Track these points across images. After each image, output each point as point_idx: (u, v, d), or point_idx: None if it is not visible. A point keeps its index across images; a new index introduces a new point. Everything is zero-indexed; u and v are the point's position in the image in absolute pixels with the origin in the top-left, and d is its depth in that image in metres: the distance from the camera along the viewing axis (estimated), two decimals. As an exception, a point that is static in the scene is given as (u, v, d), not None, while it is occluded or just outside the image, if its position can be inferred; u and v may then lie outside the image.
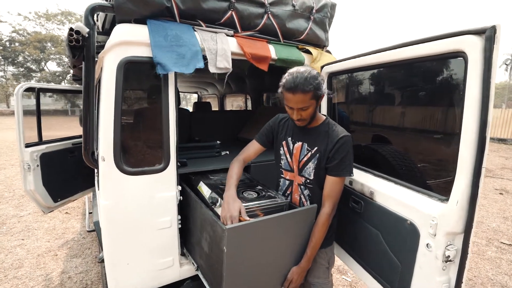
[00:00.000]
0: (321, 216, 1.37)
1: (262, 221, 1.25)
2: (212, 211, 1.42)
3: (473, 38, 0.93)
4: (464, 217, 1.02)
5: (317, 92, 1.28)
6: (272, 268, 1.39)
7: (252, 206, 1.40)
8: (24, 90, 2.65)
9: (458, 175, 1.04)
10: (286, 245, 1.39)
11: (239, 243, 1.21)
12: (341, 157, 1.33)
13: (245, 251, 1.25)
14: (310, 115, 1.35)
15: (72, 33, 1.35)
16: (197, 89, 5.36)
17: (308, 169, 1.43)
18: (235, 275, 1.26)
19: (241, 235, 1.21)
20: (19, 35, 26.43)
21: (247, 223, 1.22)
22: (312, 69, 1.32)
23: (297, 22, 2.02)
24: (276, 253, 1.37)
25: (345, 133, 1.36)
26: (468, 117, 0.99)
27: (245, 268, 1.29)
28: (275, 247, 1.35)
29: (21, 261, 2.95)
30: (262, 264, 1.35)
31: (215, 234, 1.29)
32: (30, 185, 2.69)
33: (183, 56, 1.47)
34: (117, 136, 1.42)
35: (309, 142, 1.43)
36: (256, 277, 1.35)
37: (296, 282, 1.41)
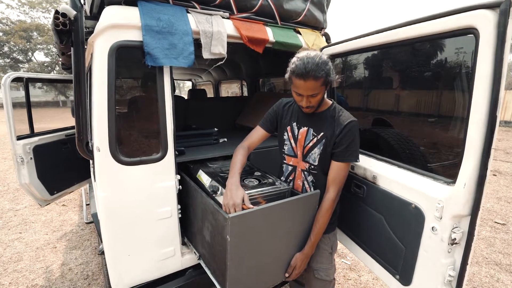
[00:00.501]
0: (325, 201, 1.36)
1: (265, 208, 1.23)
2: (213, 199, 1.39)
3: (486, 12, 0.89)
4: (471, 199, 1.01)
5: (328, 78, 1.24)
6: (276, 256, 1.38)
7: (254, 194, 1.37)
8: (11, 80, 2.54)
9: (466, 156, 1.02)
10: (290, 232, 1.38)
11: (242, 232, 1.19)
12: (348, 142, 1.31)
13: (248, 239, 1.24)
14: (319, 101, 1.32)
15: (58, 16, 1.27)
16: (191, 76, 5.23)
17: (313, 154, 1.40)
18: (239, 264, 1.25)
19: (244, 224, 1.19)
20: (3, 25, 25.37)
21: (250, 211, 1.19)
22: (322, 53, 1.27)
23: (295, 3, 1.94)
24: (280, 240, 1.36)
25: (352, 118, 1.34)
26: (478, 96, 0.95)
27: (249, 256, 1.28)
28: (279, 235, 1.34)
29: (20, 255, 2.93)
30: (265, 251, 1.33)
31: (217, 223, 1.27)
32: (25, 178, 2.63)
33: (174, 46, 1.40)
34: (112, 125, 1.36)
35: (315, 127, 1.40)
36: (260, 264, 1.34)
37: (300, 268, 1.41)
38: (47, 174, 2.80)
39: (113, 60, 1.33)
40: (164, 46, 1.39)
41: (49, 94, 23.08)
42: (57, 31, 1.29)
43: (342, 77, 1.92)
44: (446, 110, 1.31)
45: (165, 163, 1.52)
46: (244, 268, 1.28)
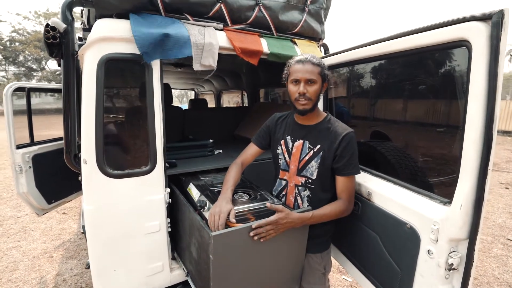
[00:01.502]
0: (337, 205, 1.31)
1: (248, 226, 1.16)
2: (200, 215, 1.35)
3: (478, 24, 0.84)
4: (468, 222, 0.94)
5: (324, 71, 1.30)
6: (263, 277, 1.31)
7: (243, 210, 1.31)
8: (14, 90, 2.58)
9: (461, 176, 0.96)
10: (279, 251, 1.31)
11: (226, 250, 1.14)
12: (349, 155, 1.29)
13: (233, 259, 1.18)
14: (315, 94, 1.29)
15: (48, 29, 1.28)
16: (194, 86, 5.27)
17: (311, 168, 1.35)
18: (223, 282, 1.18)
19: (228, 242, 1.14)
20: (19, 35, 26.41)
21: (235, 229, 1.14)
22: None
23: (291, 14, 1.92)
24: (268, 260, 1.29)
25: (349, 130, 1.32)
26: (472, 112, 0.90)
27: (234, 276, 1.21)
28: (267, 254, 1.27)
29: (16, 264, 2.92)
30: (252, 272, 1.27)
31: (202, 240, 1.22)
32: (23, 187, 2.63)
33: (168, 36, 1.36)
34: (99, 138, 1.35)
35: (310, 139, 1.36)
36: (246, 283, 1.27)
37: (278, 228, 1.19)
38: (46, 183, 2.81)
39: (102, 72, 1.32)
40: (156, 38, 1.35)
41: (60, 101, 23.62)
42: (48, 43, 1.30)
43: (337, 88, 1.88)
44: (442, 124, 1.25)
45: (154, 176, 1.49)
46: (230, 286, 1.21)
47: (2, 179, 5.87)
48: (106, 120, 1.38)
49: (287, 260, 1.36)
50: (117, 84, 1.55)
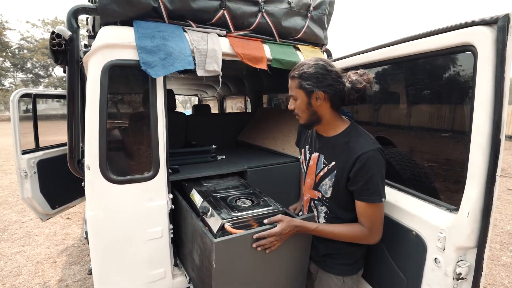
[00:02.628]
0: (356, 225, 1.15)
1: (251, 233, 1.13)
2: (203, 221, 1.34)
3: (483, 29, 0.83)
4: (477, 230, 0.91)
5: (303, 83, 1.12)
6: (266, 283, 1.29)
7: (245, 216, 1.30)
8: (20, 96, 2.62)
9: (468, 182, 0.94)
10: (283, 258, 1.28)
11: (229, 257, 1.12)
12: (366, 179, 1.07)
13: (236, 266, 1.16)
14: (300, 109, 1.18)
15: (54, 37, 1.30)
16: (197, 92, 5.30)
17: (325, 186, 1.22)
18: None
19: (231, 249, 1.11)
20: (27, 42, 27.00)
21: (237, 236, 1.12)
22: (321, 60, 1.14)
23: (294, 20, 1.93)
24: (271, 268, 1.27)
25: (369, 148, 1.08)
26: (478, 117, 0.88)
27: (236, 282, 1.19)
28: (269, 261, 1.25)
29: (20, 269, 2.92)
30: (255, 280, 1.24)
31: (204, 247, 1.20)
32: (27, 192, 2.65)
33: (170, 54, 1.38)
34: (102, 143, 1.35)
35: (325, 154, 1.22)
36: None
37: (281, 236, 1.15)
38: (50, 188, 2.83)
39: (106, 78, 1.33)
40: (160, 57, 1.37)
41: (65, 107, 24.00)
42: (53, 51, 1.32)
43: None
44: (448, 129, 1.23)
45: (157, 181, 1.49)
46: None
47: (8, 184, 5.93)
48: (109, 126, 1.39)
49: (290, 268, 1.33)
50: (120, 90, 1.57)
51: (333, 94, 1.13)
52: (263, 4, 1.77)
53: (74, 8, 1.35)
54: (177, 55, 1.40)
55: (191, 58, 1.43)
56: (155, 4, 1.44)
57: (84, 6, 1.38)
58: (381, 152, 1.10)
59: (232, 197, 1.54)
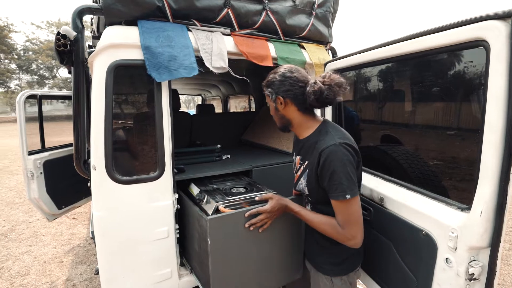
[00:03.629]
0: (333, 221, 1.11)
1: (243, 211, 1.23)
2: (199, 207, 1.41)
3: (496, 23, 0.81)
4: (490, 229, 0.89)
5: (266, 89, 1.22)
6: (262, 264, 1.36)
7: (237, 199, 1.40)
8: (26, 97, 2.64)
9: (481, 181, 0.91)
10: (273, 236, 1.34)
11: (222, 234, 1.21)
12: (329, 175, 1.06)
13: (230, 243, 1.24)
14: (273, 115, 1.27)
15: (59, 37, 1.30)
16: (201, 91, 5.30)
17: (301, 185, 1.25)
18: (222, 268, 1.24)
19: (224, 226, 1.21)
20: (32, 44, 27.28)
21: (229, 214, 1.24)
22: (284, 68, 1.20)
23: (298, 18, 1.91)
24: (265, 246, 1.34)
25: (331, 143, 1.07)
26: (491, 114, 0.86)
27: (232, 262, 1.27)
28: (263, 239, 1.31)
29: (27, 268, 2.95)
30: (250, 258, 1.32)
31: (201, 229, 1.27)
32: (34, 193, 2.67)
33: (174, 58, 1.39)
34: (108, 144, 1.35)
35: (302, 155, 1.25)
36: (246, 271, 1.32)
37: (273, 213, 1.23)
38: (56, 189, 2.85)
39: (111, 78, 1.33)
40: (165, 59, 1.38)
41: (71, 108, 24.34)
42: (58, 51, 1.32)
43: (349, 92, 1.85)
44: (459, 127, 1.21)
45: (163, 181, 1.48)
46: (227, 273, 1.27)
47: (15, 185, 6.00)
48: (115, 126, 1.38)
49: (284, 247, 1.38)
50: (125, 90, 1.57)
51: (294, 98, 1.16)
52: (268, 2, 1.76)
53: (79, 9, 1.35)
54: (182, 60, 1.41)
55: (195, 64, 1.44)
56: (160, 4, 1.43)
57: (88, 6, 1.38)
58: (344, 146, 1.07)
59: (228, 186, 1.63)
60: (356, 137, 1.85)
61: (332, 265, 1.24)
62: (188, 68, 1.42)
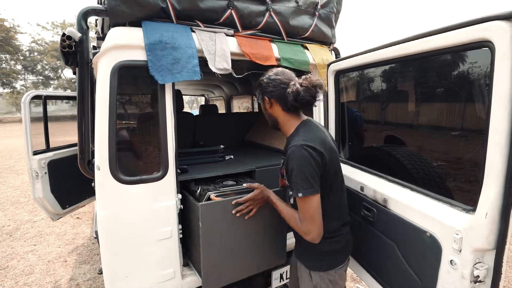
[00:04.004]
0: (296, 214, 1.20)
1: (231, 199, 1.41)
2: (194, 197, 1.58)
3: (501, 24, 0.80)
4: (495, 231, 0.88)
5: (254, 91, 1.35)
6: (249, 249, 1.52)
7: (225, 190, 1.56)
8: (31, 98, 2.67)
9: (486, 182, 0.90)
10: (258, 224, 1.50)
11: (212, 219, 1.37)
12: (289, 173, 1.17)
13: (219, 227, 1.39)
14: (264, 114, 1.38)
15: (64, 38, 1.31)
16: (204, 92, 5.32)
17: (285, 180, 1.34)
18: (212, 249, 1.39)
19: (213, 212, 1.38)
20: (38, 45, 27.57)
21: (219, 201, 1.42)
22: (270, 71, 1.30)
23: (301, 19, 1.91)
24: (250, 231, 1.49)
25: (296, 143, 1.16)
26: (496, 115, 0.85)
27: (221, 243, 1.42)
28: (248, 226, 1.47)
29: (32, 267, 2.98)
30: (237, 240, 1.47)
31: (194, 216, 1.42)
32: (39, 192, 2.70)
33: (178, 61, 1.41)
34: (112, 144, 1.36)
35: (284, 151, 1.36)
36: (233, 252, 1.47)
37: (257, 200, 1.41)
38: (60, 188, 2.87)
39: (115, 79, 1.34)
40: (168, 62, 1.39)
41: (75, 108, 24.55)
42: (63, 52, 1.33)
43: (349, 93, 1.85)
44: (464, 127, 1.20)
45: (166, 182, 1.49)
46: (217, 255, 1.42)
47: (19, 184, 6.06)
48: (119, 126, 1.39)
49: (269, 235, 1.55)
50: (129, 91, 1.58)
51: (278, 98, 1.26)
52: (271, 3, 1.76)
53: (83, 10, 1.36)
54: (185, 63, 1.42)
55: (198, 68, 1.45)
56: (163, 5, 1.44)
57: (93, 7, 1.39)
58: (305, 148, 1.13)
59: (220, 180, 1.81)
60: (359, 138, 1.86)
61: (311, 260, 1.32)
62: (190, 71, 1.44)
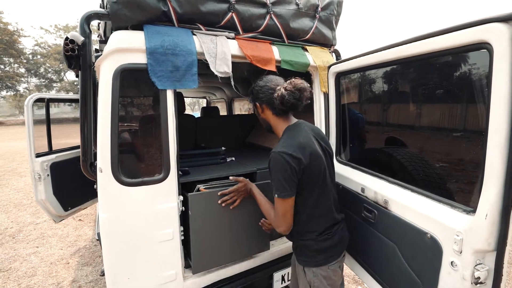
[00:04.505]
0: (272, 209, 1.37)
1: (217, 190, 1.60)
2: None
3: (499, 26, 0.81)
4: (495, 232, 0.89)
5: (249, 97, 1.45)
6: (233, 234, 1.70)
7: (214, 184, 1.70)
8: (34, 101, 2.69)
9: (486, 183, 0.91)
10: (243, 214, 1.69)
11: (200, 208, 1.56)
12: (270, 174, 1.29)
13: (207, 215, 1.59)
14: (259, 118, 1.49)
15: (67, 42, 1.33)
16: (205, 94, 5.34)
17: None
18: (200, 234, 1.58)
19: (201, 201, 1.57)
20: (41, 48, 27.79)
21: (206, 192, 1.61)
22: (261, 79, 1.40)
23: (302, 21, 1.92)
24: (235, 220, 1.68)
25: (274, 150, 1.26)
26: (495, 117, 0.86)
27: (209, 230, 1.61)
28: (233, 215, 1.66)
29: (34, 269, 2.99)
30: (223, 228, 1.65)
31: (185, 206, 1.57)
32: (41, 195, 2.71)
33: (177, 69, 1.43)
34: (114, 146, 1.37)
35: None
36: (219, 239, 1.65)
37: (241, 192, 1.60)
38: (63, 190, 2.88)
39: (118, 82, 1.35)
40: (168, 69, 1.41)
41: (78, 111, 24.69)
42: (67, 56, 1.35)
43: (350, 94, 1.86)
44: (463, 128, 1.20)
45: (168, 184, 1.50)
46: (205, 240, 1.61)
47: (22, 186, 6.10)
48: (121, 129, 1.41)
49: (253, 224, 1.71)
50: (131, 93, 1.59)
51: (268, 103, 1.35)
52: (271, 6, 1.77)
53: (86, 14, 1.38)
54: (184, 72, 1.45)
55: (196, 77, 1.48)
56: (165, 8, 1.46)
57: (96, 12, 1.40)
58: (281, 155, 1.21)
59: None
60: (361, 139, 1.87)
61: (305, 257, 1.38)
62: (189, 80, 1.47)
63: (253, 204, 1.58)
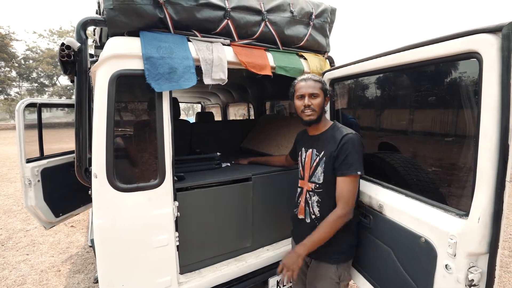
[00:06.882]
0: (331, 215, 1.32)
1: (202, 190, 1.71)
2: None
3: (488, 37, 0.84)
4: (488, 236, 0.91)
5: (324, 86, 1.45)
6: (217, 230, 1.80)
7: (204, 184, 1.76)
8: (25, 106, 2.65)
9: (477, 188, 0.93)
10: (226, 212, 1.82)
11: (187, 205, 1.64)
12: (345, 155, 1.32)
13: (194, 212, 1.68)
14: (319, 106, 1.43)
15: (63, 48, 1.32)
16: (200, 99, 5.34)
17: (317, 173, 1.44)
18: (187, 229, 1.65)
19: (188, 199, 1.65)
20: (33, 53, 27.44)
21: (193, 191, 1.69)
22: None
23: (296, 28, 1.96)
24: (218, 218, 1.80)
25: (349, 131, 1.37)
26: (485, 123, 0.89)
27: (195, 225, 1.71)
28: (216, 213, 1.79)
29: (24, 278, 2.91)
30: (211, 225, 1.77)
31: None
32: (31, 201, 2.65)
33: (175, 70, 1.43)
34: (109, 152, 1.36)
35: (317, 147, 1.47)
36: (205, 233, 1.75)
37: (289, 266, 1.29)
38: (54, 196, 2.83)
39: (113, 88, 1.35)
40: (165, 71, 1.41)
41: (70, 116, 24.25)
42: (62, 61, 1.34)
43: (344, 100, 1.89)
44: (454, 134, 1.23)
45: (163, 189, 1.49)
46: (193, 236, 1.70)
47: (12, 192, 5.96)
48: (116, 134, 1.40)
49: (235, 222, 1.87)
50: (127, 99, 1.59)
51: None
52: (266, 13, 1.80)
53: (83, 20, 1.38)
54: (182, 73, 1.45)
55: (195, 76, 1.47)
56: (161, 15, 1.47)
57: (92, 18, 1.41)
58: (359, 137, 1.36)
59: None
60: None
61: (338, 253, 1.42)
62: (187, 80, 1.46)
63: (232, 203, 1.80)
